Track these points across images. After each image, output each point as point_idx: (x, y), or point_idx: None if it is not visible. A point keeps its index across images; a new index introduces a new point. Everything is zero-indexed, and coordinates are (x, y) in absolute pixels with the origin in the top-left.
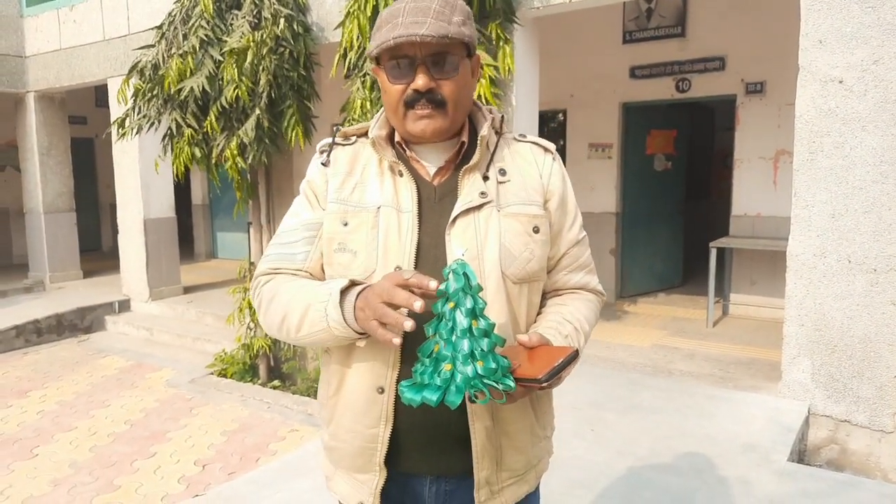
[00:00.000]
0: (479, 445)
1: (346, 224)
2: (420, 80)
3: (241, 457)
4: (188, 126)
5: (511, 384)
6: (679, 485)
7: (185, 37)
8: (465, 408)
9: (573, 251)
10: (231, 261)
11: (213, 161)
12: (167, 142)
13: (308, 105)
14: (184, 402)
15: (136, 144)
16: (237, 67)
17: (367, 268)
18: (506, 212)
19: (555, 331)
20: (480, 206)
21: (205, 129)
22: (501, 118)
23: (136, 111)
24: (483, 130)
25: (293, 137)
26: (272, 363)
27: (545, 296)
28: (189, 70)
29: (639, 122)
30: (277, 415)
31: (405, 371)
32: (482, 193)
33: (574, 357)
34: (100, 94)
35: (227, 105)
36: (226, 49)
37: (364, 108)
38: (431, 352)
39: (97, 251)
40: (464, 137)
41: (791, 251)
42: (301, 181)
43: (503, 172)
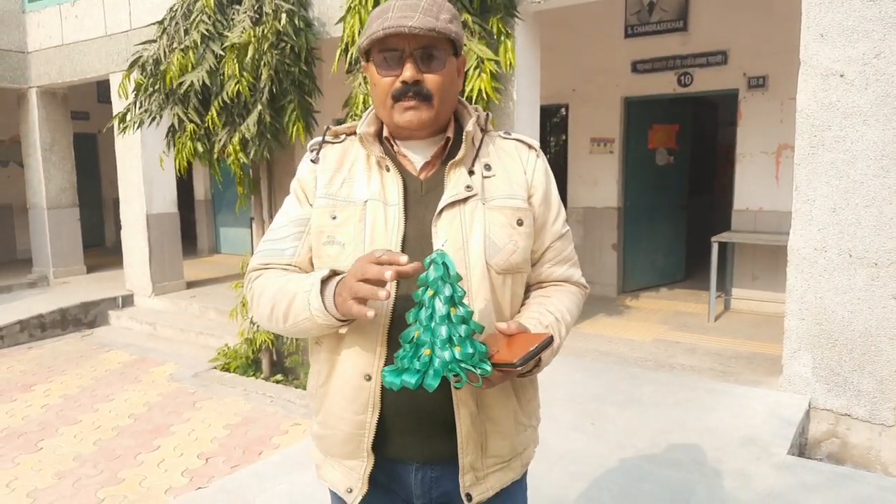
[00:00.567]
0: (464, 431)
1: (335, 217)
2: (408, 72)
3: (244, 450)
4: (190, 121)
5: (488, 368)
6: (679, 478)
7: (187, 32)
8: (451, 394)
9: (557, 245)
10: (234, 256)
11: (216, 156)
12: (170, 137)
13: (309, 100)
14: (187, 396)
15: (139, 140)
16: (238, 62)
17: (355, 259)
18: (490, 205)
19: (536, 321)
20: (466, 199)
21: (206, 125)
22: (487, 116)
23: (138, 106)
24: (468, 126)
25: (294, 132)
26: (275, 357)
27: (529, 288)
28: (190, 65)
29: (641, 117)
30: (280, 408)
31: (391, 359)
32: (468, 187)
33: (549, 343)
34: (102, 90)
35: (229, 100)
36: (227, 44)
37: (366, 104)
38: (412, 338)
39: (100, 247)
40: (449, 133)
41: (792, 245)
42: None
43: (488, 168)
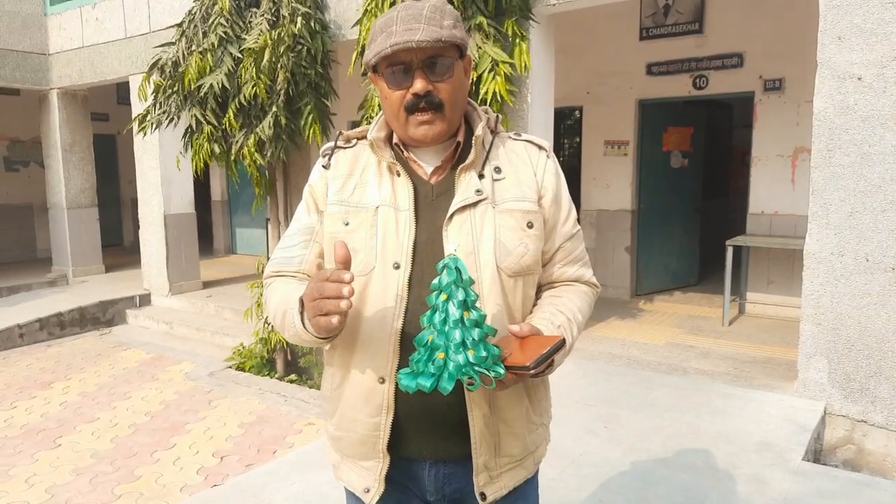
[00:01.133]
0: (478, 432)
1: (348, 224)
2: (418, 84)
3: (259, 449)
4: (208, 123)
5: (501, 371)
6: (692, 482)
7: (205, 35)
8: (464, 396)
9: (567, 245)
10: (249, 256)
11: (233, 157)
12: (187, 138)
13: (325, 102)
14: (203, 395)
15: (157, 141)
16: (255, 65)
17: (367, 265)
18: (501, 208)
19: (548, 321)
20: (476, 203)
21: (224, 126)
22: (497, 118)
23: (157, 107)
24: (478, 130)
25: (311, 134)
26: (289, 357)
27: (541, 288)
28: (208, 67)
29: (655, 119)
30: (294, 408)
31: (404, 362)
32: (478, 191)
33: (561, 345)
34: (121, 92)
35: (246, 102)
36: (244, 47)
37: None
38: (426, 341)
39: (119, 246)
40: (460, 137)
41: (808, 249)
42: None
43: (498, 170)
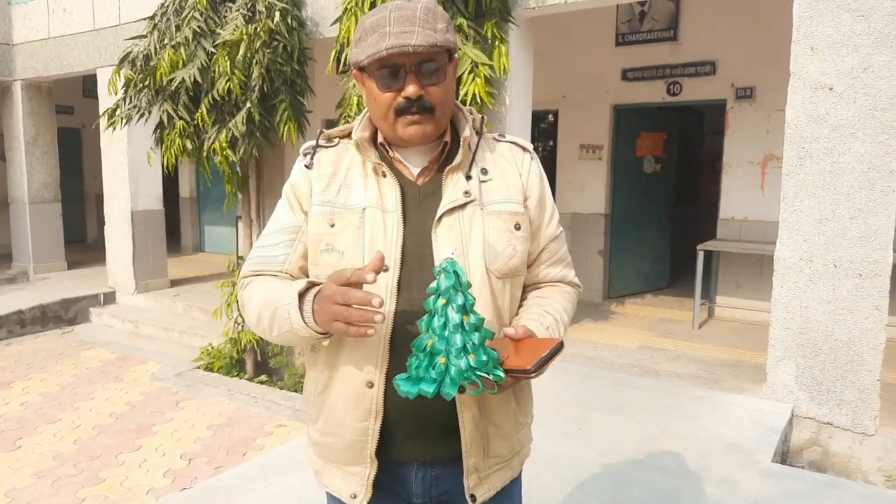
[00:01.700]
0: (468, 434)
1: (333, 225)
2: (411, 88)
3: (228, 451)
4: (179, 118)
5: (501, 375)
6: (665, 484)
7: (178, 28)
8: (454, 398)
9: (551, 246)
10: (218, 255)
11: (204, 154)
12: (158, 133)
13: (301, 100)
14: (170, 396)
15: (125, 136)
16: (230, 60)
17: (354, 267)
18: (488, 210)
19: (537, 322)
20: (464, 205)
21: (196, 122)
22: (482, 119)
23: (127, 101)
24: (466, 132)
25: (285, 132)
26: (259, 358)
27: (525, 289)
28: (181, 61)
29: (629, 124)
30: (264, 409)
31: (394, 365)
32: (466, 192)
33: (559, 349)
34: (88, 84)
35: (219, 98)
36: (219, 41)
37: (360, 106)
38: (425, 346)
39: (82, 243)
40: (446, 138)
41: (778, 255)
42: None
43: (485, 172)
